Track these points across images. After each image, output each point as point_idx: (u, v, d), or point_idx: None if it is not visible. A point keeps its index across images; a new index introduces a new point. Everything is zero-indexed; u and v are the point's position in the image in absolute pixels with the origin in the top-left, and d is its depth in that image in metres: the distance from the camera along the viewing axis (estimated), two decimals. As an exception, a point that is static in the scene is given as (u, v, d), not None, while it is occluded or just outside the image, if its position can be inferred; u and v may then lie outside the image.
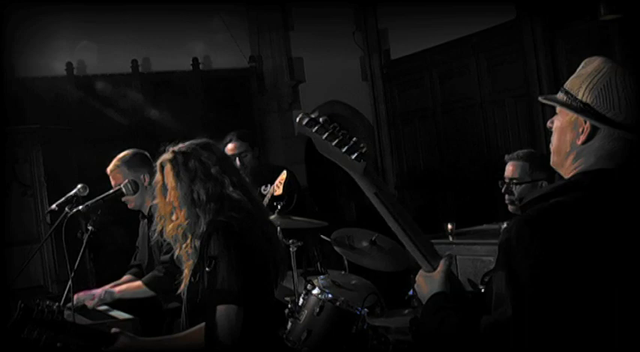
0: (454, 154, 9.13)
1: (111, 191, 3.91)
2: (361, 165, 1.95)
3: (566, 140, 2.02)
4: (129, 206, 4.30)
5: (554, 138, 2.08)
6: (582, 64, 2.05)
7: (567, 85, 2.03)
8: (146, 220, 4.39)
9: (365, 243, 5.08)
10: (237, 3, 9.16)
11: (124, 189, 3.80)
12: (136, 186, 3.95)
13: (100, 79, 8.20)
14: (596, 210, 1.89)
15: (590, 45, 7.17)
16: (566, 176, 2.04)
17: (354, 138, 1.97)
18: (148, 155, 4.36)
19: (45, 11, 7.61)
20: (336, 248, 5.05)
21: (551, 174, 4.30)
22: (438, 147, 9.33)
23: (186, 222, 3.01)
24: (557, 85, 7.62)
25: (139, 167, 4.29)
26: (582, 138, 1.97)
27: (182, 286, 3.09)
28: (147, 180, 4.09)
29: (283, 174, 5.43)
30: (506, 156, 4.36)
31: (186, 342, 3.01)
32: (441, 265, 2.10)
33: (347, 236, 5.20)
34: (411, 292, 4.13)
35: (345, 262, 5.36)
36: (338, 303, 4.34)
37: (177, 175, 3.04)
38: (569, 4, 7.34)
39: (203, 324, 2.94)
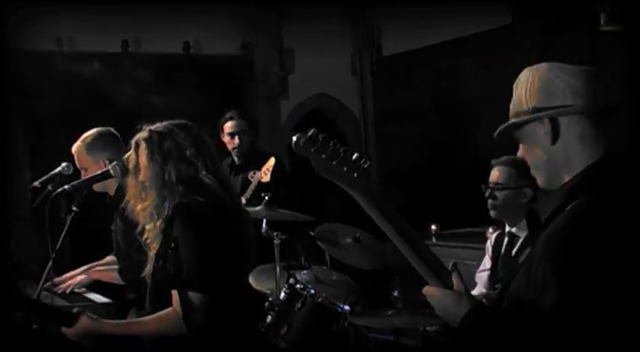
0: (441, 155, 9.09)
1: (99, 172, 3.80)
2: (363, 183, 1.89)
3: (538, 151, 2.04)
4: (94, 188, 4.14)
5: (529, 161, 2.09)
6: (514, 85, 2.09)
7: (511, 109, 2.09)
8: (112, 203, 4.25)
9: (348, 240, 5.04)
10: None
11: (112, 171, 3.70)
12: (125, 169, 3.85)
13: (89, 56, 8.06)
14: (622, 204, 1.88)
15: (584, 54, 7.15)
16: (565, 179, 2.02)
17: (356, 154, 1.90)
18: (115, 133, 4.21)
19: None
20: (319, 243, 5.01)
21: (536, 181, 4.28)
22: (425, 146, 9.27)
23: (154, 202, 2.95)
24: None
25: (101, 150, 4.11)
26: (549, 137, 1.99)
27: (145, 270, 3.03)
28: (106, 164, 3.93)
29: (271, 161, 5.36)
30: (493, 161, 4.34)
31: (150, 327, 2.96)
32: (457, 282, 2.05)
33: (330, 231, 5.15)
34: (395, 293, 4.09)
35: (327, 257, 5.31)
36: (320, 299, 4.30)
37: (150, 154, 2.98)
38: (566, 12, 7.31)
39: (168, 310, 2.89)
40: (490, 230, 6.17)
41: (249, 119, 5.87)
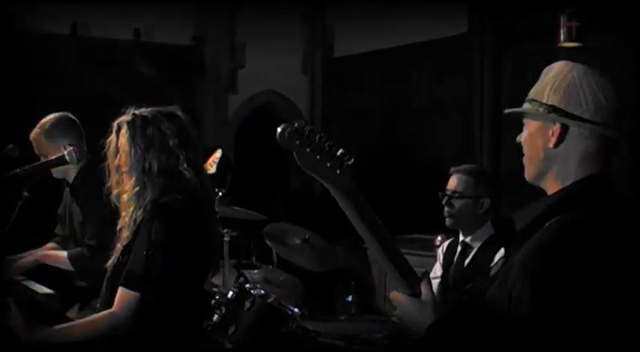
0: (387, 160, 9.06)
1: (53, 157, 3.68)
2: (344, 181, 1.84)
3: (538, 146, 1.98)
4: (53, 174, 4.06)
5: (525, 150, 2.04)
6: (544, 71, 2.04)
7: (531, 93, 2.02)
8: (69, 189, 4.16)
9: (297, 240, 4.98)
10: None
11: (67, 157, 3.57)
12: (80, 155, 3.72)
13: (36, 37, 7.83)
14: (606, 226, 1.83)
15: (538, 69, 7.19)
16: (549, 188, 1.99)
17: (341, 150, 1.84)
18: (73, 118, 4.13)
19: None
20: (268, 242, 4.93)
21: (494, 191, 4.27)
22: (371, 151, 9.21)
23: (133, 190, 2.84)
24: (498, 103, 7.66)
25: (60, 136, 4.00)
26: (553, 140, 1.94)
27: (110, 260, 2.91)
28: (67, 150, 3.81)
29: (217, 153, 5.30)
30: (452, 169, 4.31)
31: (82, 331, 2.81)
32: (426, 291, 1.99)
33: (280, 231, 5.10)
34: (348, 298, 4.03)
35: (275, 257, 5.25)
36: (270, 300, 4.21)
37: (132, 139, 2.86)
38: (523, 25, 7.35)
39: (108, 311, 2.78)
40: (439, 238, 6.14)
41: (192, 114, 5.74)
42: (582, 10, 5.74)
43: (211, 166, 5.26)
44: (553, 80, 1.97)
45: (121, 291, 2.76)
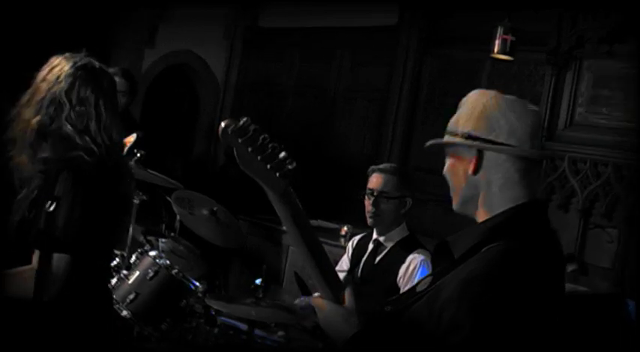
0: (294, 139, 8.98)
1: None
2: (282, 184, 1.79)
3: (459, 175, 2.02)
4: None
5: (448, 180, 2.07)
6: (461, 102, 2.07)
7: (449, 124, 2.06)
8: None
9: (205, 211, 4.88)
10: None
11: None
12: None
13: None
14: (540, 255, 1.89)
15: (458, 71, 7.27)
16: (478, 216, 2.01)
17: (283, 154, 1.80)
18: None
19: None
20: (175, 208, 4.81)
21: (414, 191, 4.28)
22: (279, 127, 9.09)
23: (36, 124, 2.69)
24: (415, 99, 7.71)
25: None
26: (471, 167, 1.97)
27: (15, 216, 2.74)
28: None
29: (132, 137, 5.10)
30: (373, 167, 4.29)
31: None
32: (350, 299, 1.96)
33: (188, 198, 4.98)
34: (257, 281, 3.96)
35: (177, 224, 5.13)
36: (174, 272, 4.11)
37: (56, 76, 2.73)
38: (451, 28, 7.41)
39: (30, 266, 2.63)
40: (345, 228, 6.18)
41: (132, 81, 5.53)
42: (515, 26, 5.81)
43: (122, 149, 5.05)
44: (467, 109, 2.02)
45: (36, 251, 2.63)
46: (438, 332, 1.79)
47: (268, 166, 1.77)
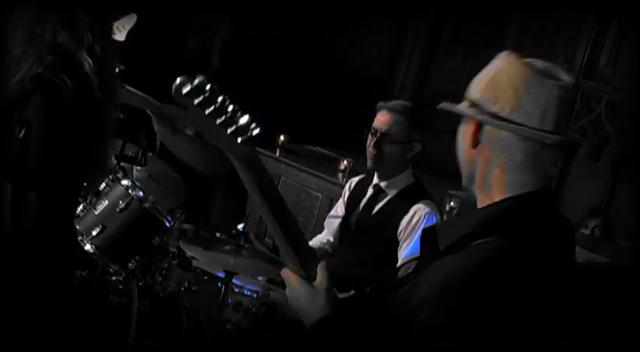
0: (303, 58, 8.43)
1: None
2: (246, 151, 1.61)
3: (462, 147, 1.75)
4: None
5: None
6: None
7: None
8: None
9: (190, 132, 4.39)
10: None
11: None
12: None
13: None
14: (539, 262, 1.62)
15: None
16: (479, 199, 1.74)
17: (246, 117, 1.59)
18: None
19: None
20: (155, 126, 4.31)
21: (423, 135, 3.82)
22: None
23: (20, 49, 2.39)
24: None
25: None
26: (469, 139, 1.70)
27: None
28: None
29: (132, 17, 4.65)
30: (381, 104, 3.82)
31: None
32: (321, 278, 1.77)
33: (171, 115, 4.48)
34: (240, 226, 3.53)
35: (158, 143, 4.64)
36: (146, 205, 3.65)
37: None
38: None
39: None
40: (345, 162, 5.72)
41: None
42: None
43: (119, 31, 4.54)
44: (484, 72, 1.73)
45: None
46: (411, 330, 1.59)
47: (228, 131, 1.57)
